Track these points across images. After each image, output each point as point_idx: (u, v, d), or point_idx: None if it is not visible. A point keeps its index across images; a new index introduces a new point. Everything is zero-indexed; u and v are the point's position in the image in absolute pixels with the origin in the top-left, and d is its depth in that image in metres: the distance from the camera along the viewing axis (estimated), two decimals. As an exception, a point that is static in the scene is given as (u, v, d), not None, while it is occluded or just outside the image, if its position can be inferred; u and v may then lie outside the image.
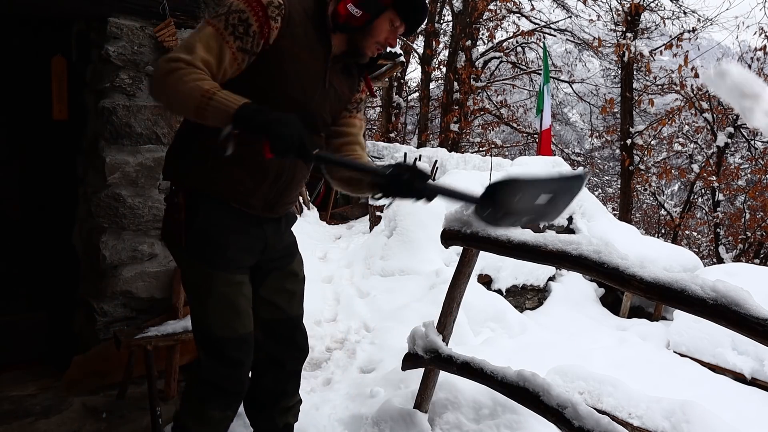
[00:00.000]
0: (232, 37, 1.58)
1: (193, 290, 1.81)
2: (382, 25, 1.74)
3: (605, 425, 1.95)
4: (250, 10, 1.58)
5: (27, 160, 3.26)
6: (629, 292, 2.28)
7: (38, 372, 2.99)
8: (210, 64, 1.56)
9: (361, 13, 1.69)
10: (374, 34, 1.75)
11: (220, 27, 1.58)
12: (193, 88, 1.48)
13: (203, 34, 1.58)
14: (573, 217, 7.21)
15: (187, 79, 1.49)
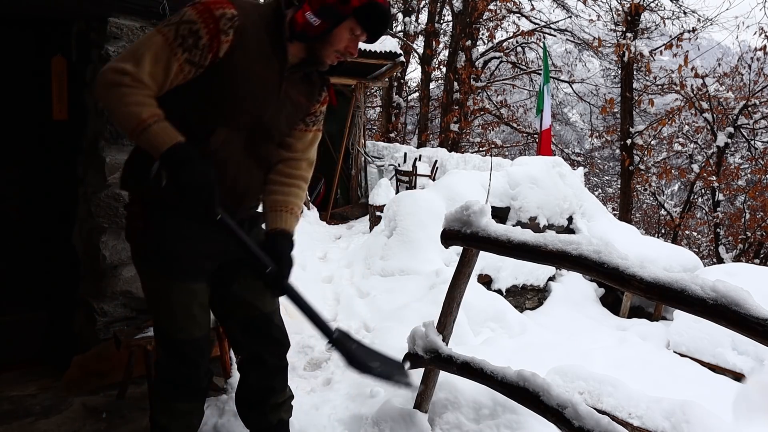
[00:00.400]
0: (180, 49, 1.56)
1: (151, 296, 1.87)
2: (342, 34, 1.69)
3: (605, 425, 1.95)
4: (201, 22, 1.55)
5: (27, 160, 3.26)
6: (629, 292, 2.28)
7: (38, 372, 2.99)
8: (157, 76, 1.56)
9: (319, 22, 1.64)
10: (333, 43, 1.70)
11: (169, 37, 1.55)
12: (131, 114, 1.51)
13: (153, 43, 1.55)
14: (573, 217, 7.22)
15: (127, 101, 1.51)
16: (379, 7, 1.66)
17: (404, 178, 9.70)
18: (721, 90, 13.85)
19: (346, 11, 1.64)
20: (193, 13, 1.57)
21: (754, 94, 13.46)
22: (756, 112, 13.66)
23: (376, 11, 1.66)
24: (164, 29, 1.57)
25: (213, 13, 1.56)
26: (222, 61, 1.61)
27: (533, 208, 6.70)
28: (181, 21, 1.56)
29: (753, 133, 14.15)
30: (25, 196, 3.28)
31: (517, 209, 6.68)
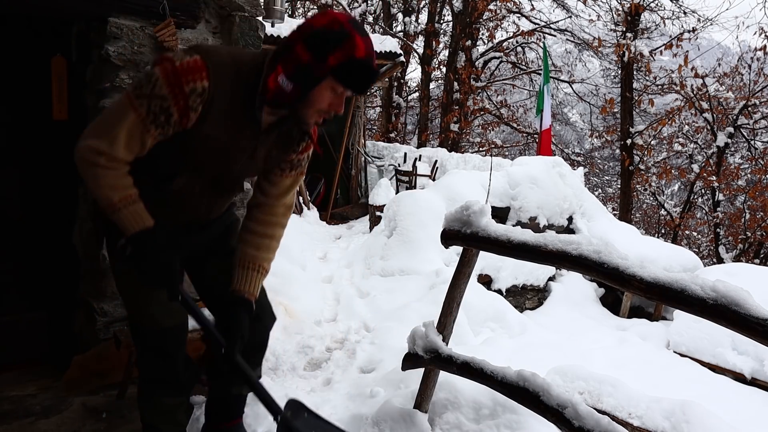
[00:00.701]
0: (153, 126, 1.55)
1: (123, 291, 1.90)
2: (322, 94, 1.54)
3: (605, 425, 1.95)
4: (172, 98, 1.51)
5: (27, 160, 3.26)
6: (629, 292, 2.28)
7: (38, 372, 2.99)
8: (133, 148, 1.57)
9: (291, 86, 1.51)
10: (313, 104, 1.56)
11: (142, 113, 1.53)
12: (103, 196, 1.56)
13: (127, 120, 1.53)
14: (573, 217, 7.22)
15: (101, 183, 1.55)
16: (360, 64, 1.49)
17: (404, 178, 9.70)
18: (721, 90, 13.86)
19: (323, 71, 1.49)
20: (164, 86, 1.51)
21: (754, 94, 13.46)
22: (756, 112, 13.67)
23: (357, 68, 1.50)
24: (136, 103, 1.53)
25: (183, 88, 1.51)
26: (191, 129, 1.60)
27: (533, 208, 6.70)
28: (152, 94, 1.52)
29: (753, 133, 14.15)
30: (25, 196, 3.28)
31: (517, 209, 6.68)
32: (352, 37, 1.48)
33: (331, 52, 1.47)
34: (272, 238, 1.88)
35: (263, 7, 4.61)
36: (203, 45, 1.66)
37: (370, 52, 1.51)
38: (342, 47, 1.47)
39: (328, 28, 1.48)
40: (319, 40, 1.48)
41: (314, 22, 1.51)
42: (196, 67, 1.52)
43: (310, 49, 1.48)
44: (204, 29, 2.96)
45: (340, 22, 1.49)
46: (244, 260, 1.84)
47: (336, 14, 1.52)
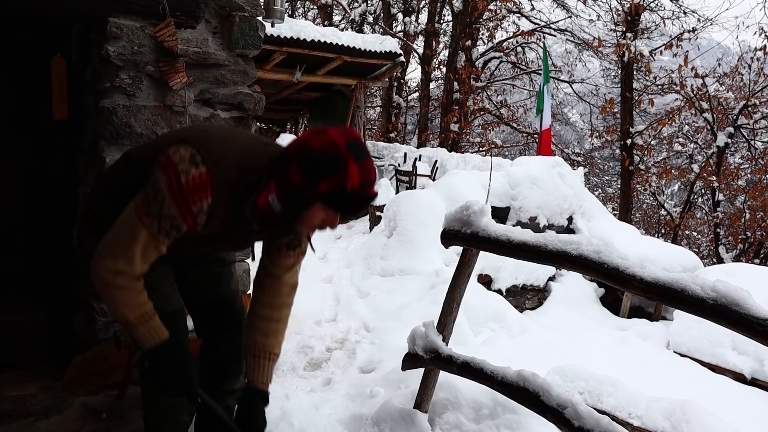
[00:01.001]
0: (165, 238, 1.59)
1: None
2: (315, 213, 1.52)
3: (605, 425, 1.95)
4: (180, 217, 1.55)
5: (27, 160, 3.26)
6: (629, 292, 2.28)
7: (38, 372, 2.99)
8: (149, 259, 1.62)
9: (280, 208, 1.52)
10: (305, 222, 1.55)
11: (153, 231, 1.57)
12: (121, 314, 1.62)
13: (139, 238, 1.57)
14: (573, 217, 7.22)
15: (118, 303, 1.61)
16: (350, 194, 1.46)
17: (404, 178, 9.70)
18: (721, 90, 13.87)
19: (313, 197, 1.47)
20: (172, 205, 1.53)
21: (754, 94, 13.46)
22: (756, 112, 13.67)
23: (347, 198, 1.47)
24: (147, 222, 1.56)
25: (191, 209, 1.54)
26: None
27: (533, 208, 6.70)
28: (162, 215, 1.54)
29: (753, 133, 14.15)
30: (25, 196, 3.28)
31: (517, 209, 6.68)
32: (345, 166, 1.44)
33: (322, 178, 1.44)
34: (279, 321, 1.90)
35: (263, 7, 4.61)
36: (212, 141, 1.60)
37: (365, 180, 1.47)
38: (334, 175, 1.44)
39: (323, 153, 1.45)
40: (313, 164, 1.45)
41: (313, 142, 1.48)
42: (202, 184, 1.53)
43: (302, 172, 1.46)
44: (204, 29, 2.96)
45: (337, 147, 1.45)
46: (254, 349, 1.88)
47: (335, 136, 1.47)
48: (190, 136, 1.62)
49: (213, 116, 3.04)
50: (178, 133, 1.81)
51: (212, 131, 1.73)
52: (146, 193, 1.57)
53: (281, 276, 1.86)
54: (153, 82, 2.81)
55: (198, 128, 1.83)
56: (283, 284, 1.87)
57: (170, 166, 1.53)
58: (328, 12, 17.86)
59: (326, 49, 8.83)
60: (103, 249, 1.60)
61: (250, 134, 1.80)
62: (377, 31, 17.08)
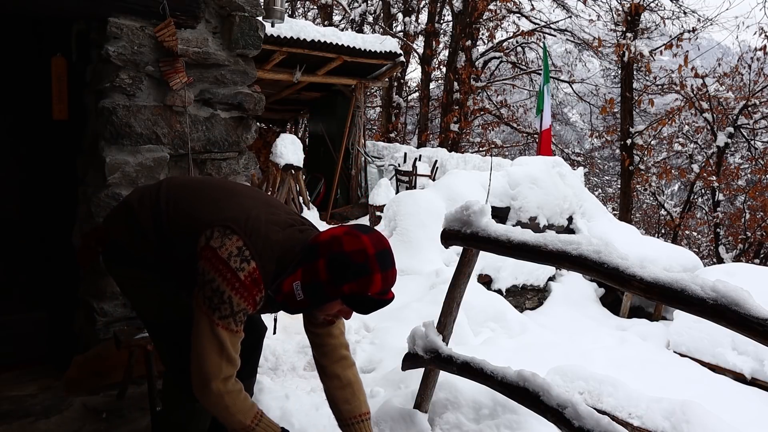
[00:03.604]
0: (240, 326, 1.67)
1: (128, 292, 1.95)
2: (332, 306, 1.64)
3: (605, 425, 1.95)
4: (249, 306, 1.64)
5: (27, 160, 3.26)
6: (629, 292, 2.28)
7: (38, 372, 2.98)
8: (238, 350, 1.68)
9: (302, 297, 1.60)
10: (323, 311, 1.68)
11: (232, 328, 1.64)
12: (238, 422, 1.67)
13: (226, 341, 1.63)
14: (573, 217, 7.22)
15: (234, 411, 1.66)
16: (371, 300, 1.57)
17: (404, 178, 9.70)
18: (721, 90, 13.86)
19: (335, 294, 1.57)
20: (242, 301, 1.62)
21: (754, 94, 13.45)
22: (756, 112, 13.67)
23: (367, 302, 1.58)
24: (224, 323, 1.62)
25: (256, 300, 1.65)
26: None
27: (533, 208, 6.70)
28: (234, 311, 1.62)
29: (753, 133, 14.15)
30: (25, 196, 3.28)
31: (517, 209, 6.68)
32: (371, 275, 1.54)
33: (347, 281, 1.54)
34: (352, 383, 1.94)
35: (263, 7, 4.61)
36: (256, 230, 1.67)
37: (387, 287, 1.58)
38: (358, 281, 1.54)
39: (352, 258, 1.54)
40: (341, 266, 1.55)
41: (345, 243, 1.56)
42: (258, 279, 1.63)
43: (329, 270, 1.55)
44: (204, 29, 2.96)
45: (367, 255, 1.54)
46: (345, 419, 1.93)
47: (367, 244, 1.56)
48: (233, 220, 1.67)
49: (213, 116, 3.04)
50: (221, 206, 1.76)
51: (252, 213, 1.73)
52: (209, 299, 1.62)
53: (329, 343, 1.91)
54: (153, 82, 2.81)
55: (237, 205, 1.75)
56: (334, 348, 1.92)
57: (221, 263, 1.60)
58: (328, 12, 17.85)
59: (326, 49, 8.82)
60: (203, 367, 1.64)
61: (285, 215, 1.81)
62: (377, 31, 17.07)
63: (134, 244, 1.85)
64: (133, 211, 1.87)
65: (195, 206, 1.79)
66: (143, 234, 1.82)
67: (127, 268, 1.90)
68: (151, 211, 1.83)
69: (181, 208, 1.81)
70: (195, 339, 1.65)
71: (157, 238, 1.80)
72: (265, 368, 3.39)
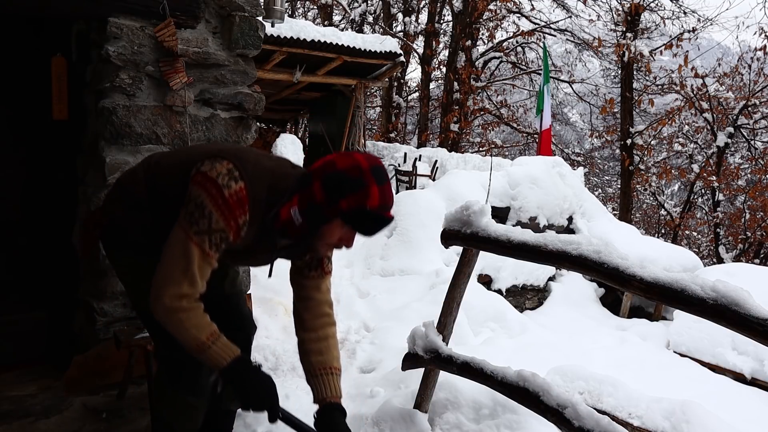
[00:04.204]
0: (216, 253, 1.63)
1: (125, 279, 1.94)
2: (333, 230, 1.58)
3: (605, 425, 1.95)
4: (229, 230, 1.60)
5: (27, 160, 3.26)
6: (629, 292, 2.28)
7: (38, 372, 2.99)
8: (205, 278, 1.65)
9: (301, 221, 1.58)
10: (323, 238, 1.61)
11: (205, 248, 1.60)
12: (192, 338, 1.60)
13: (195, 259, 1.59)
14: (573, 217, 7.22)
15: (188, 326, 1.60)
16: (370, 213, 1.53)
17: (404, 178, 9.70)
18: (721, 90, 13.85)
19: (333, 213, 1.54)
20: (220, 219, 1.58)
21: (754, 94, 13.46)
22: (756, 112, 13.67)
23: (366, 217, 1.53)
24: (198, 240, 1.59)
25: (237, 221, 1.60)
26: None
27: (533, 208, 6.70)
28: (211, 230, 1.58)
29: (753, 133, 14.15)
30: (25, 196, 3.28)
31: (517, 209, 6.68)
32: (367, 187, 1.51)
33: (343, 197, 1.51)
34: (328, 338, 1.89)
35: (263, 7, 4.61)
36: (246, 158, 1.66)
37: (384, 203, 1.54)
38: (355, 194, 1.51)
39: (347, 173, 1.52)
40: (336, 182, 1.52)
41: (338, 162, 1.55)
42: (243, 199, 1.60)
43: (325, 189, 1.53)
44: (204, 29, 2.96)
45: (361, 170, 1.52)
46: (313, 370, 1.87)
47: (360, 159, 1.55)
48: (224, 151, 1.68)
49: (213, 116, 3.04)
50: (211, 147, 1.82)
51: (244, 149, 1.77)
52: (190, 213, 1.60)
53: (314, 297, 1.88)
54: (153, 82, 2.81)
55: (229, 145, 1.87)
56: (319, 304, 1.88)
57: (209, 181, 1.58)
58: (328, 12, 17.85)
59: (326, 49, 8.82)
60: (162, 279, 1.61)
61: (278, 156, 1.84)
62: (377, 31, 17.07)
63: (130, 219, 1.83)
64: (125, 185, 1.89)
65: (187, 152, 1.88)
66: (137, 203, 1.81)
67: (125, 255, 1.89)
68: (144, 176, 1.83)
69: (174, 157, 1.85)
70: (165, 250, 1.63)
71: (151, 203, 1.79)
72: (265, 368, 3.38)
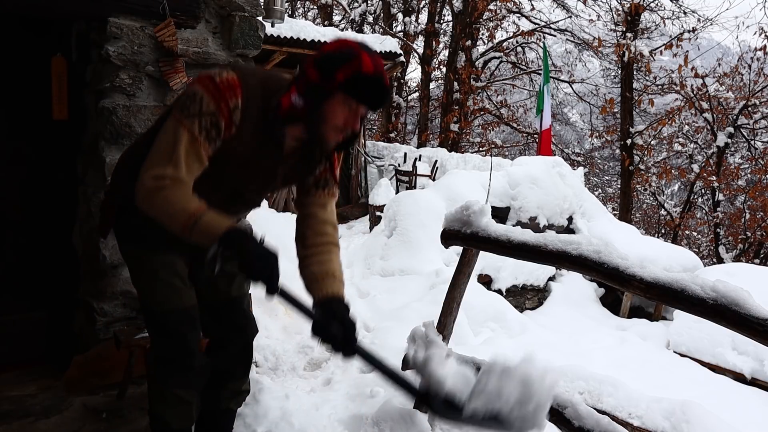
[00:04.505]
0: (206, 142, 1.59)
1: (132, 273, 1.94)
2: (335, 108, 1.57)
3: (605, 425, 1.95)
4: (219, 114, 1.58)
5: (27, 160, 3.26)
6: (629, 292, 2.28)
7: (38, 372, 2.98)
8: (193, 170, 1.59)
9: (303, 102, 1.59)
10: (329, 119, 1.58)
11: (194, 131, 1.56)
12: (179, 211, 1.52)
13: (182, 141, 1.56)
14: (573, 217, 7.22)
15: (173, 200, 1.53)
16: (367, 77, 1.52)
17: (404, 178, 9.70)
18: (721, 90, 13.86)
19: (332, 87, 1.54)
20: (211, 101, 1.57)
21: (754, 94, 13.46)
22: (756, 112, 13.67)
23: (365, 82, 1.53)
24: (187, 122, 1.56)
25: (228, 103, 1.58)
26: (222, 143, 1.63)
27: (533, 208, 6.71)
28: (202, 112, 1.57)
29: (753, 133, 14.15)
30: (25, 196, 3.28)
31: (517, 209, 6.69)
32: (358, 55, 1.53)
33: (338, 68, 1.53)
34: (330, 252, 1.80)
35: (263, 7, 4.62)
36: (239, 64, 1.73)
37: (379, 69, 1.55)
38: (349, 63, 1.52)
39: (336, 50, 1.56)
40: (327, 59, 1.56)
41: (325, 48, 1.60)
42: (234, 83, 1.59)
43: (319, 69, 1.56)
44: (204, 29, 2.96)
45: (349, 44, 1.56)
46: (314, 277, 1.74)
47: (346, 39, 1.62)
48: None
49: (213, 116, 3.04)
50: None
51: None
52: (183, 101, 1.61)
53: (318, 215, 1.82)
54: (153, 82, 2.81)
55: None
56: (322, 222, 1.82)
57: (203, 75, 1.62)
58: (328, 12, 17.86)
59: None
60: (148, 161, 1.59)
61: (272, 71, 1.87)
62: (377, 31, 17.08)
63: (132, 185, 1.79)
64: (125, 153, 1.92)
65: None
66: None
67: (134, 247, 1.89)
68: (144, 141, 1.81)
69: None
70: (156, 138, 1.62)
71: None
72: (265, 368, 3.39)
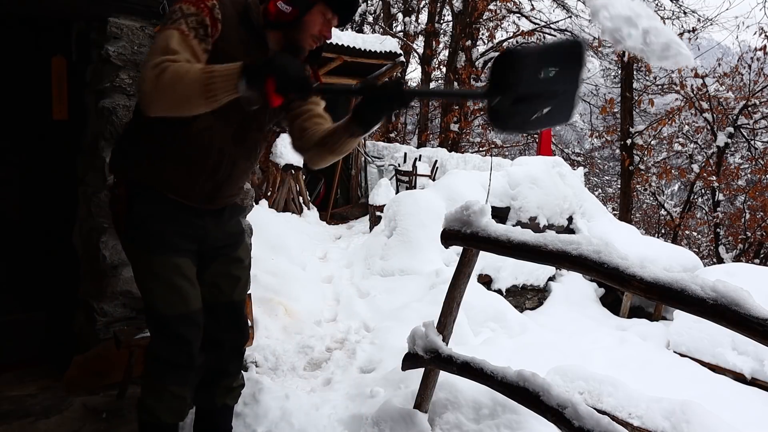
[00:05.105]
0: (196, 40, 1.63)
1: (137, 274, 1.93)
2: (315, 18, 1.77)
3: (605, 425, 1.95)
4: (201, 12, 1.64)
5: (27, 160, 3.26)
6: (629, 292, 2.28)
7: (38, 372, 2.99)
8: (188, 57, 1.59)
9: (290, 9, 1.73)
10: (307, 28, 1.78)
11: (183, 29, 1.60)
12: (189, 72, 1.51)
13: (173, 37, 1.58)
14: (573, 217, 7.22)
15: (180, 72, 1.51)
16: None
17: (404, 178, 9.70)
18: (721, 90, 13.84)
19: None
20: (189, 6, 1.64)
21: (754, 94, 13.45)
22: (756, 112, 13.66)
23: None
24: (174, 25, 1.61)
25: (206, 2, 1.65)
26: (213, 48, 1.69)
27: (533, 208, 6.70)
28: (184, 15, 1.62)
29: (753, 133, 14.14)
30: (25, 196, 3.28)
31: (517, 209, 6.68)
32: None
33: None
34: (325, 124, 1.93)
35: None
36: None
37: None
38: None
39: None
40: None
41: None
42: None
43: None
44: (204, 29, 2.96)
45: None
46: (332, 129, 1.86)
47: None
48: None
49: (213, 116, 3.04)
50: None
51: None
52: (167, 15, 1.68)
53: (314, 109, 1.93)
54: (153, 82, 2.81)
55: None
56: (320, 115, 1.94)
57: None
58: (328, 12, 17.84)
59: (326, 49, 8.82)
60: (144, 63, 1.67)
61: None
62: (377, 31, 17.08)
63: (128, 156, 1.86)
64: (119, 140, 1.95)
65: None
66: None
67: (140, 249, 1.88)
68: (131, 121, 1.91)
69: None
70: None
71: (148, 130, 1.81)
72: (265, 368, 3.39)
